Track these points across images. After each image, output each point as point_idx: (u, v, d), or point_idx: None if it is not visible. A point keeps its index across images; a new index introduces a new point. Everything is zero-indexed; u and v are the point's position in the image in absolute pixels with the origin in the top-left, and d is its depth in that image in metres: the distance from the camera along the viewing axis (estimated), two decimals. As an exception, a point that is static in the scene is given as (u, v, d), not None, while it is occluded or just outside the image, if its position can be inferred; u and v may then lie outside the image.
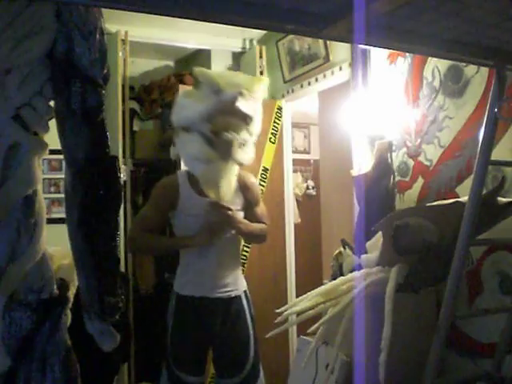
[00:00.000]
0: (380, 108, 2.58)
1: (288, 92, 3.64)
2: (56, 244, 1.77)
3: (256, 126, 2.32)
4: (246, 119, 2.24)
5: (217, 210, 2.25)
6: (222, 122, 2.19)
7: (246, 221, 2.38)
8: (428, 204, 2.24)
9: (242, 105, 2.19)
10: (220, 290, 2.33)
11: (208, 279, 2.32)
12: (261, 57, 3.79)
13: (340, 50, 3.05)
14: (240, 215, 2.37)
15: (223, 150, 2.20)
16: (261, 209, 2.49)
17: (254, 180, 2.51)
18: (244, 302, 2.39)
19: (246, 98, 2.21)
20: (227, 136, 2.18)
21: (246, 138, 2.27)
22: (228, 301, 2.34)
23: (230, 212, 2.27)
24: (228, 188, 2.26)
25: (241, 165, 2.31)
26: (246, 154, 2.29)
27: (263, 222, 2.47)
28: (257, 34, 3.86)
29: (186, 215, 2.30)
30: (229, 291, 2.35)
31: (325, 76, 3.21)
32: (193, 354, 2.34)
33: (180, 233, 2.37)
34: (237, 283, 2.39)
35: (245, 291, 2.42)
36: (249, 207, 2.42)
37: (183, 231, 2.35)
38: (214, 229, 2.27)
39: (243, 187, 2.40)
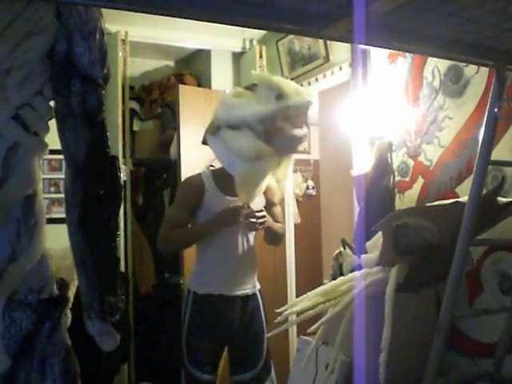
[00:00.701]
0: (380, 108, 2.58)
1: (288, 92, 3.63)
2: (56, 244, 1.77)
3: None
4: (304, 124, 2.29)
5: (244, 215, 2.28)
6: (281, 126, 2.21)
7: (272, 221, 2.43)
8: (428, 204, 2.24)
9: (308, 112, 2.27)
10: (238, 288, 2.38)
11: (227, 278, 2.36)
12: (261, 57, 3.79)
13: (340, 50, 3.05)
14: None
15: (281, 147, 2.23)
16: (278, 210, 2.55)
17: (273, 181, 2.52)
18: (259, 299, 2.46)
19: (311, 109, 2.29)
20: (293, 132, 2.22)
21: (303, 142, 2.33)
22: (245, 299, 2.40)
23: (260, 213, 2.32)
24: (259, 191, 2.29)
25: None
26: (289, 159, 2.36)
27: (280, 223, 2.53)
28: (257, 33, 3.85)
29: (210, 214, 2.32)
30: (246, 289, 2.40)
31: (325, 76, 3.21)
32: (210, 353, 2.38)
33: (209, 239, 2.38)
34: (252, 282, 2.45)
35: (259, 290, 2.49)
36: (268, 207, 2.47)
37: (211, 237, 2.37)
38: (238, 211, 2.29)
39: (267, 189, 2.43)
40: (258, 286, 2.49)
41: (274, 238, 2.52)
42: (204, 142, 2.36)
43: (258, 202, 2.38)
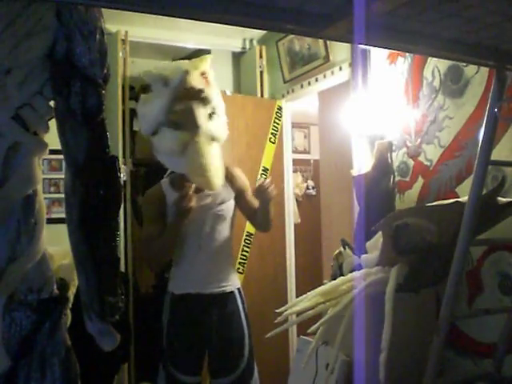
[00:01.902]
0: (380, 108, 2.58)
1: (288, 92, 3.64)
2: (56, 244, 1.77)
3: (215, 100, 2.36)
4: (200, 95, 2.28)
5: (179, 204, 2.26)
6: (181, 106, 2.23)
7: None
8: (428, 204, 2.24)
9: (190, 82, 2.25)
10: (213, 285, 2.34)
11: (201, 275, 2.33)
12: (261, 57, 3.79)
13: (340, 50, 3.05)
14: (231, 206, 2.41)
15: (191, 125, 2.23)
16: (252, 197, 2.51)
17: (238, 170, 2.53)
18: (238, 299, 2.41)
19: (193, 75, 2.28)
20: (186, 105, 2.23)
21: (210, 111, 2.31)
22: (222, 297, 2.35)
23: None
24: (216, 173, 2.27)
25: (215, 139, 2.32)
26: (216, 126, 2.32)
27: None
28: (257, 33, 3.86)
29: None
30: (222, 286, 2.36)
31: (325, 76, 3.21)
32: (188, 353, 2.34)
33: (180, 237, 2.36)
34: (229, 279, 2.40)
35: (238, 288, 2.44)
36: (241, 196, 2.45)
37: (182, 235, 2.35)
38: (180, 201, 2.27)
39: (229, 178, 2.43)
40: (238, 285, 2.44)
41: (267, 217, 2.42)
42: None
43: (224, 194, 2.38)
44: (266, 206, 2.36)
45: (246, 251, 3.49)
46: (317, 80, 3.30)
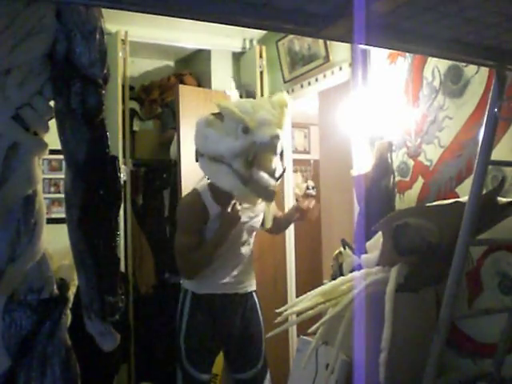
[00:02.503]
0: (380, 108, 2.58)
1: (288, 92, 3.63)
2: (56, 244, 1.77)
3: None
4: (278, 154, 2.27)
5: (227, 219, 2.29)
6: (256, 160, 2.18)
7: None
8: (428, 204, 2.24)
9: (279, 146, 2.21)
10: (239, 286, 2.41)
11: (229, 278, 2.38)
12: (261, 57, 3.79)
13: (340, 50, 3.05)
14: (261, 218, 2.48)
15: (257, 189, 2.20)
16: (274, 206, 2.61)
17: None
18: (255, 298, 2.50)
19: (280, 137, 2.20)
20: (263, 178, 2.18)
21: (278, 171, 2.29)
22: (244, 296, 2.43)
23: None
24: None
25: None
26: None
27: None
28: (257, 33, 3.85)
29: (215, 229, 2.31)
30: (245, 287, 2.44)
31: (325, 76, 3.21)
32: (209, 352, 2.40)
33: (207, 235, 2.37)
34: (251, 279, 2.49)
35: (255, 290, 2.53)
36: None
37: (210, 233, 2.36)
38: (229, 214, 2.29)
39: None
40: (255, 287, 2.52)
41: (286, 228, 2.77)
42: (197, 160, 2.36)
43: (259, 207, 2.44)
44: (294, 221, 2.53)
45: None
46: (317, 80, 3.30)
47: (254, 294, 2.50)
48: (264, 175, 2.19)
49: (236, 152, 2.14)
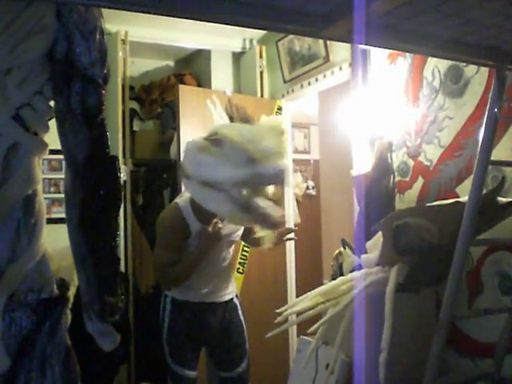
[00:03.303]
0: (380, 108, 2.58)
1: (288, 92, 3.64)
2: (56, 244, 1.77)
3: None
4: (282, 186, 2.22)
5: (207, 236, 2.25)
6: (259, 191, 2.12)
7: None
8: (428, 204, 2.24)
9: (286, 177, 2.11)
10: (215, 295, 2.42)
11: (206, 289, 2.38)
12: (261, 57, 3.79)
13: (340, 50, 3.05)
14: (241, 230, 2.45)
15: (260, 217, 2.12)
16: None
17: None
18: (237, 301, 2.51)
19: (287, 168, 2.13)
20: (268, 208, 2.10)
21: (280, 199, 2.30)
22: (222, 304, 2.44)
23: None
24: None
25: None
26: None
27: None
28: (257, 33, 3.86)
29: (195, 245, 2.28)
30: (223, 295, 2.45)
31: (325, 76, 3.21)
32: (191, 350, 2.41)
33: (186, 249, 2.34)
34: (230, 288, 2.49)
35: (236, 295, 2.55)
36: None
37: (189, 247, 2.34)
38: (210, 232, 2.24)
39: None
40: (235, 291, 2.55)
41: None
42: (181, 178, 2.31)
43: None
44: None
45: (246, 251, 3.49)
46: (317, 80, 3.30)
47: (234, 299, 2.50)
48: (268, 204, 2.11)
49: (238, 181, 2.03)
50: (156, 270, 2.35)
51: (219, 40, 3.83)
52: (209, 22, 1.28)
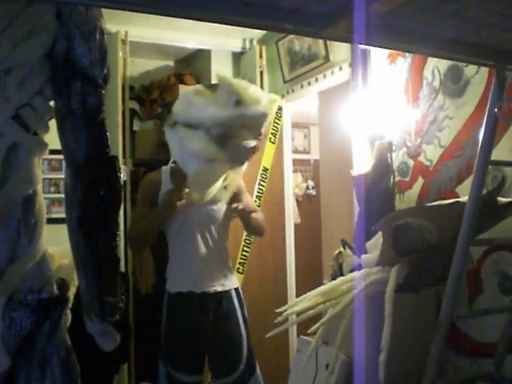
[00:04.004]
0: (380, 108, 2.58)
1: (288, 92, 3.64)
2: (56, 244, 1.77)
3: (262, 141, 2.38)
4: (259, 134, 2.26)
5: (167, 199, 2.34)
6: (237, 132, 2.18)
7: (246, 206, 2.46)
8: (428, 204, 2.24)
9: (264, 126, 2.24)
10: (206, 284, 2.35)
11: (193, 274, 2.35)
12: (261, 57, 3.79)
13: (340, 50, 3.05)
14: (222, 207, 2.43)
15: (233, 154, 2.20)
16: (248, 199, 2.57)
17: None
18: (235, 300, 2.42)
19: (268, 119, 2.26)
20: (241, 144, 2.18)
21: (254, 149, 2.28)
22: (216, 296, 2.36)
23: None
24: (211, 192, 2.30)
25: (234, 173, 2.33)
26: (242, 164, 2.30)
27: (255, 211, 2.55)
28: (257, 33, 3.86)
29: None
30: (215, 285, 2.37)
31: (325, 76, 3.21)
32: (187, 353, 2.35)
33: (167, 228, 2.42)
34: (224, 278, 2.41)
35: (236, 289, 2.45)
36: (234, 199, 2.45)
37: (168, 226, 2.41)
38: (172, 192, 2.33)
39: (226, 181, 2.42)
40: (235, 285, 2.45)
41: (253, 225, 2.51)
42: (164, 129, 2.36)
43: (219, 196, 2.38)
44: (244, 219, 2.46)
45: (246, 251, 3.48)
46: (317, 80, 3.30)
47: (232, 295, 2.41)
48: (241, 143, 2.20)
49: (220, 120, 2.14)
50: (129, 226, 2.48)
51: (219, 40, 3.83)
52: (209, 21, 1.28)
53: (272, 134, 3.66)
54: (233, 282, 2.45)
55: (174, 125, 2.23)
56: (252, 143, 2.21)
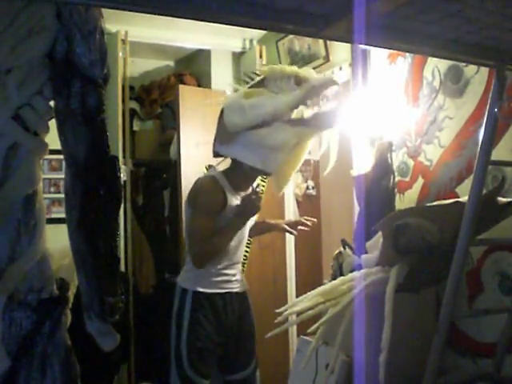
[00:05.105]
0: (380, 108, 2.58)
1: (288, 92, 3.63)
2: (56, 244, 1.77)
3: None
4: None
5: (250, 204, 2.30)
6: (313, 104, 2.26)
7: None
8: (428, 204, 2.24)
9: (337, 82, 2.28)
10: (237, 284, 2.39)
11: (232, 275, 2.36)
12: (261, 57, 3.79)
13: (340, 50, 3.05)
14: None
15: (319, 125, 2.27)
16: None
17: None
18: (249, 299, 2.48)
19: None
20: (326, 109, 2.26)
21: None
22: (242, 295, 2.42)
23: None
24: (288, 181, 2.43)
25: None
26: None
27: None
28: (257, 33, 3.85)
29: (231, 216, 2.28)
30: (242, 285, 2.43)
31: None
32: (211, 356, 2.30)
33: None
34: (243, 278, 2.48)
35: (246, 287, 2.50)
36: None
37: None
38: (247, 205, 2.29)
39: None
40: (246, 285, 2.51)
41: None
42: (216, 155, 2.35)
43: None
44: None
45: (247, 251, 3.47)
46: (317, 80, 3.30)
47: (247, 294, 2.47)
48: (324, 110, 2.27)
49: (295, 102, 2.18)
50: (196, 240, 2.24)
51: (219, 40, 3.82)
52: (209, 21, 1.28)
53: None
54: (245, 281, 2.53)
55: (235, 137, 2.21)
56: (330, 105, 2.28)
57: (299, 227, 2.60)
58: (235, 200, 2.29)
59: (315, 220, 2.58)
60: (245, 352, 2.42)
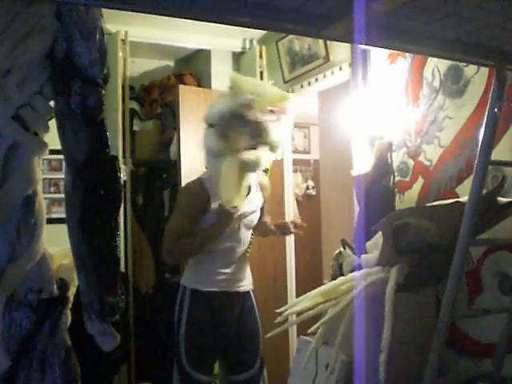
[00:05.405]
0: (380, 108, 2.58)
1: (288, 92, 3.63)
2: (56, 244, 1.77)
3: (274, 141, 2.34)
4: (258, 128, 2.29)
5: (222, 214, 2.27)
6: (237, 123, 2.28)
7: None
8: (428, 204, 2.24)
9: (251, 112, 2.28)
10: (238, 285, 2.40)
11: (229, 275, 2.37)
12: (261, 57, 3.79)
13: (340, 50, 3.05)
14: (258, 215, 2.47)
15: (231, 145, 2.25)
16: (266, 205, 2.63)
17: (266, 178, 2.69)
18: (253, 297, 2.49)
19: (259, 107, 2.31)
20: (236, 132, 2.26)
21: (257, 144, 2.30)
22: (243, 295, 2.42)
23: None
24: (239, 193, 2.30)
25: (248, 168, 2.29)
26: (253, 156, 2.27)
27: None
28: (257, 33, 3.85)
29: (209, 221, 2.31)
30: (243, 285, 2.43)
31: (325, 76, 3.21)
32: (210, 353, 2.36)
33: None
34: (248, 278, 2.48)
35: (252, 290, 2.51)
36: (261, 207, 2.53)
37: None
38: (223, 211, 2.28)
39: (261, 186, 2.51)
40: (252, 286, 2.50)
41: (269, 235, 2.67)
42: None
43: (253, 202, 2.42)
44: (277, 234, 2.59)
45: (246, 251, 3.48)
46: (317, 80, 3.30)
47: (251, 293, 2.47)
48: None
49: (219, 113, 2.28)
50: (167, 237, 2.30)
51: (219, 40, 3.82)
52: (209, 22, 1.28)
53: (272, 134, 3.65)
54: (251, 281, 2.52)
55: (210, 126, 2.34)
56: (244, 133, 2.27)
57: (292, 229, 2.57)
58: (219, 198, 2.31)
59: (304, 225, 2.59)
60: (249, 352, 2.42)
